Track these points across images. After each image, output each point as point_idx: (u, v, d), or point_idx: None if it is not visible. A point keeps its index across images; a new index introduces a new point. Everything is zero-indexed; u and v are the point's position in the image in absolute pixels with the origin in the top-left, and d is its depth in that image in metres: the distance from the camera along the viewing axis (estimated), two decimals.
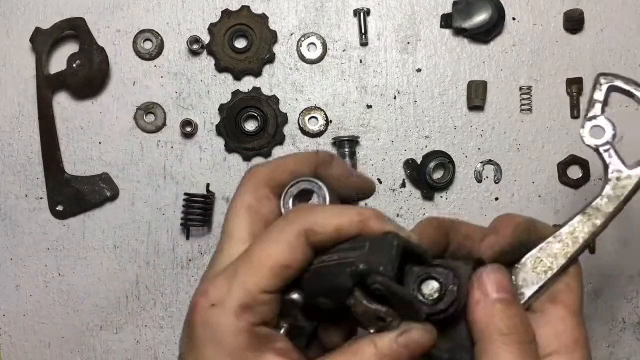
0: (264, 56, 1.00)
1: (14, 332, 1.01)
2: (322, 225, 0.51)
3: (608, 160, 0.56)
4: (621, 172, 0.56)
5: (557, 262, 0.54)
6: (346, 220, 0.51)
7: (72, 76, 0.98)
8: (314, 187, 0.56)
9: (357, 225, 0.51)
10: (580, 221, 0.55)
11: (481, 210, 1.00)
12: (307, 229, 0.50)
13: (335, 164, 0.59)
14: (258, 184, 0.56)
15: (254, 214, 0.55)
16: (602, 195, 0.56)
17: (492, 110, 1.00)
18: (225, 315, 0.49)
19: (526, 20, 1.00)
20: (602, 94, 0.59)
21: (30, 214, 1.01)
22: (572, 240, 0.55)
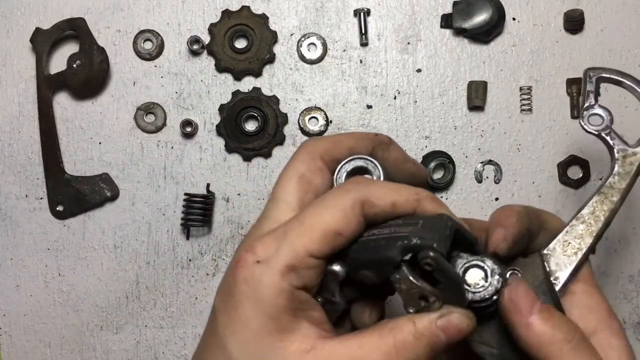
0: (264, 56, 1.00)
1: (14, 332, 1.01)
2: (379, 197, 0.50)
3: (612, 142, 0.63)
4: (626, 150, 0.62)
5: (584, 242, 0.59)
6: (403, 196, 0.51)
7: (72, 76, 0.98)
8: (369, 165, 0.56)
9: (413, 203, 0.51)
10: (597, 201, 0.59)
11: (481, 210, 1.00)
12: (363, 199, 0.50)
13: (393, 147, 0.59)
14: (313, 154, 0.56)
15: (305, 184, 0.54)
16: (613, 173, 0.60)
17: (492, 110, 1.00)
18: (270, 273, 0.49)
19: (526, 20, 1.00)
20: (593, 85, 0.65)
21: (30, 214, 1.01)
22: (594, 219, 0.59)
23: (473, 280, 0.50)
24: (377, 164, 0.56)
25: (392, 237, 0.49)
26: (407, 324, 0.49)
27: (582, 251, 0.59)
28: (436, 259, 0.47)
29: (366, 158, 0.56)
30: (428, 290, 0.48)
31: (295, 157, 0.56)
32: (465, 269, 0.51)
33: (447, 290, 0.49)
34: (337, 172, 0.56)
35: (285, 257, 0.49)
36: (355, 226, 0.50)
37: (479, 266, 0.50)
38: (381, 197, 0.51)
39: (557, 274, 0.57)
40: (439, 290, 0.49)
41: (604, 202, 0.59)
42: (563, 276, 0.57)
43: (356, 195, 0.50)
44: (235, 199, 1.00)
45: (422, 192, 0.52)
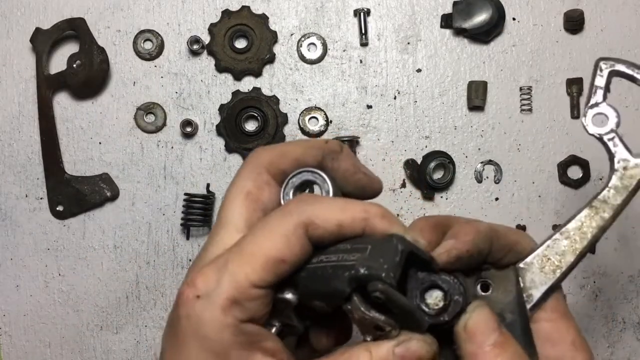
0: (264, 56, 1.00)
1: (14, 332, 1.01)
2: (323, 218, 0.47)
3: (613, 150, 0.53)
4: (628, 161, 0.53)
5: (565, 260, 0.52)
6: (349, 215, 0.47)
7: (72, 76, 0.98)
8: (317, 179, 0.52)
9: (360, 222, 0.47)
10: (587, 215, 0.53)
11: (481, 210, 1.00)
12: (306, 222, 0.47)
13: (343, 156, 0.55)
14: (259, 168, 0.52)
15: (252, 201, 0.51)
16: (609, 186, 0.52)
17: (492, 110, 1.00)
18: (211, 309, 0.46)
19: (526, 20, 1.00)
20: (604, 79, 0.54)
21: (30, 214, 1.01)
22: (580, 236, 0.52)
23: (433, 301, 0.47)
24: (325, 177, 0.52)
25: (339, 265, 0.46)
26: (363, 355, 0.46)
27: (561, 269, 0.52)
28: (384, 291, 0.44)
29: (314, 171, 0.52)
30: (382, 321, 0.45)
31: (241, 173, 0.53)
32: (424, 289, 0.47)
33: (403, 317, 0.46)
34: (283, 188, 0.52)
35: (226, 290, 0.46)
36: (299, 251, 0.47)
37: (438, 286, 0.47)
38: (326, 219, 0.47)
39: (530, 291, 0.52)
40: (394, 318, 0.46)
41: (594, 217, 0.52)
42: (537, 294, 0.52)
43: (298, 217, 0.47)
44: None
45: (371, 209, 0.48)
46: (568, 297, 0.98)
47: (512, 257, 0.54)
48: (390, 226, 0.47)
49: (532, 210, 0.99)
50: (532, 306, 0.52)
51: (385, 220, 0.48)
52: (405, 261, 0.45)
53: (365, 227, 0.47)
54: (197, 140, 1.01)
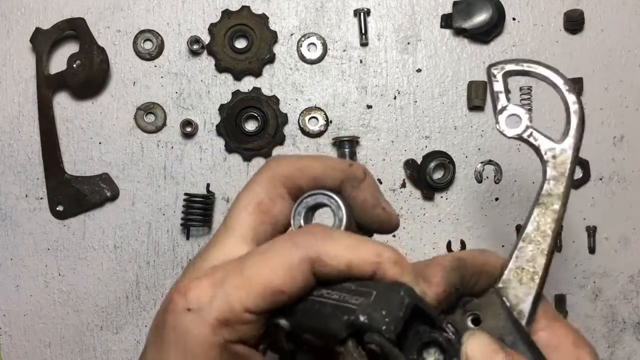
0: (264, 56, 1.00)
1: (14, 332, 1.01)
2: (332, 257, 0.45)
3: (537, 143, 0.54)
4: (554, 148, 0.54)
5: (538, 263, 0.51)
6: (361, 257, 0.45)
7: (72, 76, 0.98)
8: (332, 204, 0.49)
9: (372, 266, 0.45)
10: (539, 213, 0.53)
11: (481, 210, 1.00)
12: (314, 257, 0.44)
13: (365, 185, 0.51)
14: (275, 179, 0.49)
15: (262, 212, 0.49)
16: (547, 178, 0.53)
17: (492, 110, 1.00)
18: (200, 326, 0.44)
19: (526, 20, 1.00)
20: (500, 83, 0.56)
21: (30, 214, 1.01)
22: (541, 235, 0.52)
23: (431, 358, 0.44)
24: (341, 205, 0.49)
25: (339, 306, 0.43)
26: None
27: (538, 274, 0.51)
28: (381, 345, 0.42)
29: (330, 195, 0.49)
30: None
31: (255, 180, 0.50)
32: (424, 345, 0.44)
33: None
34: (296, 206, 0.50)
35: (219, 309, 0.44)
36: (301, 284, 0.45)
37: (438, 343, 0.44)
38: (336, 257, 0.44)
39: (519, 307, 0.50)
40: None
41: (546, 213, 0.52)
42: (526, 308, 0.50)
43: (306, 252, 0.44)
44: None
45: (384, 253, 0.45)
46: (568, 297, 0.98)
47: (486, 279, 0.52)
48: (401, 274, 0.45)
49: None
50: (527, 321, 0.50)
51: (397, 268, 0.45)
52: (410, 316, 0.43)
53: (376, 271, 0.45)
54: (197, 140, 1.01)
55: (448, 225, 1.00)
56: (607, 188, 0.99)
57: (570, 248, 0.99)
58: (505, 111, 0.55)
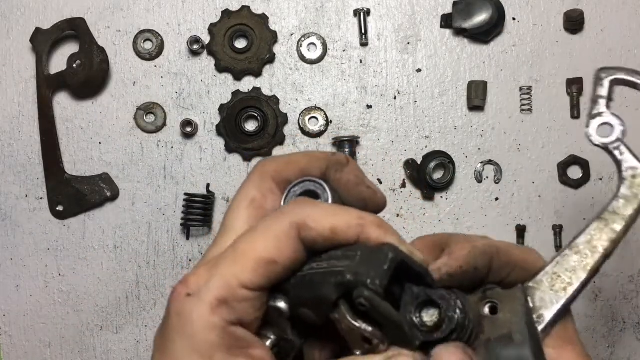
0: (264, 56, 1.00)
1: (14, 332, 1.01)
2: (316, 220, 0.46)
3: (620, 158, 0.51)
4: (636, 169, 0.50)
5: (576, 276, 0.49)
6: (344, 220, 0.46)
7: (72, 76, 0.98)
8: (317, 188, 0.51)
9: (355, 229, 0.46)
10: (597, 228, 0.50)
11: (481, 210, 1.00)
12: (299, 223, 0.46)
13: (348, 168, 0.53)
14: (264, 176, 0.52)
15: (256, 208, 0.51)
16: (618, 196, 0.50)
17: (492, 110, 1.00)
18: (200, 307, 0.45)
19: (526, 20, 1.00)
20: (605, 88, 0.53)
21: (30, 214, 1.01)
22: (591, 250, 0.49)
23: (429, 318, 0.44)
24: (325, 187, 0.51)
25: (327, 272, 0.44)
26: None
27: (573, 287, 0.49)
28: (370, 299, 0.42)
29: (315, 181, 0.51)
30: (369, 332, 0.43)
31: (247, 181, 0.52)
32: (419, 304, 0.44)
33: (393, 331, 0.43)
34: (284, 196, 0.51)
35: (216, 289, 0.45)
36: (291, 253, 0.46)
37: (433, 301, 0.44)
38: (319, 220, 0.46)
39: (541, 311, 0.48)
40: (382, 330, 0.43)
41: (604, 230, 0.49)
42: (548, 315, 0.48)
43: (291, 219, 0.46)
44: None
45: (367, 217, 0.46)
46: None
47: (519, 275, 0.51)
48: (385, 235, 0.46)
49: (532, 210, 0.99)
50: (544, 327, 0.49)
51: (381, 230, 0.46)
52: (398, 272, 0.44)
53: (360, 235, 0.46)
54: (197, 140, 1.01)
55: (448, 225, 1.00)
56: (607, 188, 0.99)
57: None
58: (599, 117, 0.53)
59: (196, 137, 1.01)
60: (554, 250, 0.99)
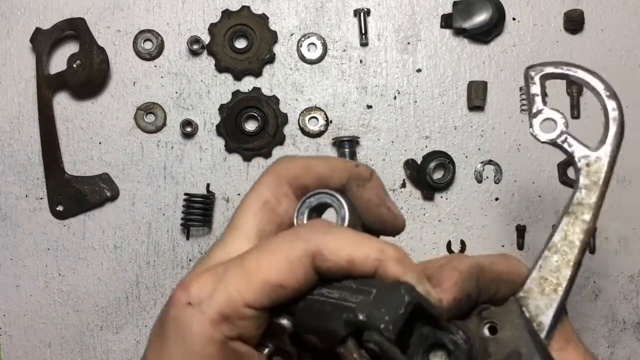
0: (264, 56, 1.00)
1: (14, 332, 1.01)
2: (333, 251, 0.44)
3: (570, 150, 0.52)
4: (588, 156, 0.52)
5: (562, 275, 0.49)
6: (363, 253, 0.44)
7: (72, 76, 0.98)
8: (334, 202, 0.48)
9: (374, 262, 0.44)
10: (568, 223, 0.50)
11: (481, 210, 1.00)
12: (315, 251, 0.44)
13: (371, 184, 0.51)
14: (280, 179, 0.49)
15: (268, 211, 0.49)
16: (579, 187, 0.50)
17: (492, 110, 1.00)
18: (200, 319, 0.44)
19: (526, 20, 1.00)
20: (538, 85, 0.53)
21: (30, 214, 1.01)
22: (569, 246, 0.50)
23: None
24: (343, 203, 0.48)
25: (339, 305, 0.43)
26: None
27: (562, 286, 0.49)
28: (380, 344, 0.40)
29: (333, 194, 0.48)
30: None
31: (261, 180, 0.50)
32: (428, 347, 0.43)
33: None
34: (299, 206, 0.49)
35: (219, 304, 0.44)
36: (302, 280, 0.44)
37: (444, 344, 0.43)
38: (337, 251, 0.44)
39: (539, 319, 0.48)
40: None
41: (575, 223, 0.50)
42: (546, 320, 0.48)
43: (307, 245, 0.44)
44: (235, 199, 1.00)
45: (388, 251, 0.44)
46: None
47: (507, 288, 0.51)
48: (404, 273, 0.44)
49: (532, 210, 0.99)
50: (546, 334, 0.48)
51: (400, 266, 0.44)
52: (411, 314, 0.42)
53: (378, 269, 0.44)
54: (197, 140, 1.01)
55: (448, 225, 1.00)
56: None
57: None
58: (540, 115, 0.53)
59: (196, 137, 1.01)
60: None
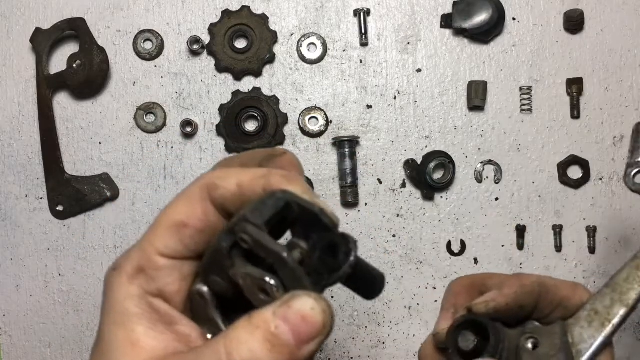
0: (264, 56, 1.00)
1: (14, 332, 1.01)
2: (223, 179, 0.45)
3: None
4: None
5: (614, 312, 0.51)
6: (249, 174, 0.45)
7: (72, 76, 0.98)
8: None
9: (260, 180, 0.44)
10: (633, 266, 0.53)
11: (481, 210, 1.00)
12: (208, 183, 0.45)
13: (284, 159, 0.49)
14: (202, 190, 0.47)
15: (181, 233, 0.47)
16: None
17: (492, 110, 1.00)
18: (119, 278, 0.44)
19: (526, 20, 1.00)
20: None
21: (30, 214, 1.01)
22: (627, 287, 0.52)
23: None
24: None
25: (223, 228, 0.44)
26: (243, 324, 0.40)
27: (610, 322, 0.51)
28: (250, 233, 0.40)
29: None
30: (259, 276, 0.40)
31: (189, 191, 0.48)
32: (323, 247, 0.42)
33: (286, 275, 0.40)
34: None
35: (134, 258, 0.45)
36: (201, 214, 0.45)
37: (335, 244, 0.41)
38: (225, 179, 0.45)
39: (579, 346, 0.50)
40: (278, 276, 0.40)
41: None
42: (586, 350, 0.50)
43: (202, 181, 0.46)
44: None
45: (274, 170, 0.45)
46: None
47: (561, 312, 0.53)
48: (288, 183, 0.43)
49: (532, 210, 0.99)
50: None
51: (285, 178, 0.44)
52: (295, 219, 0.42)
53: (265, 186, 0.44)
54: (197, 140, 1.01)
55: (448, 225, 1.00)
56: (607, 188, 0.99)
57: (570, 248, 0.99)
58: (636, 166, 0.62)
59: (196, 137, 1.01)
60: (554, 250, 0.99)
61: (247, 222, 0.40)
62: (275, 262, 0.40)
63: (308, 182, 0.99)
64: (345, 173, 0.98)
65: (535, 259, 0.99)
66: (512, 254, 1.00)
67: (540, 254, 0.99)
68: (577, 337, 0.51)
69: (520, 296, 0.51)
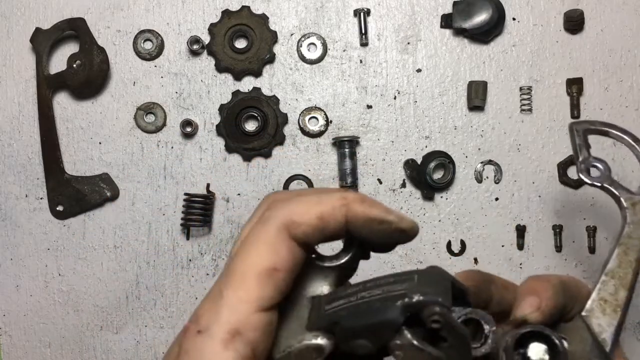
0: (264, 56, 1.00)
1: (14, 332, 1.01)
2: (301, 214, 0.44)
3: (616, 192, 0.61)
4: (632, 197, 0.61)
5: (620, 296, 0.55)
6: (329, 206, 0.44)
7: (72, 76, 0.98)
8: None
9: (340, 210, 0.44)
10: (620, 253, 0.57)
11: (481, 210, 1.00)
12: (286, 222, 0.44)
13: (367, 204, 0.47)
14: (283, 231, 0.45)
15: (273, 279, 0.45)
16: (628, 222, 0.59)
17: (492, 110, 1.00)
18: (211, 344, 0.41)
19: (526, 20, 1.00)
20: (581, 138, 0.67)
21: (30, 214, 1.01)
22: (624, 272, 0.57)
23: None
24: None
25: (387, 297, 0.43)
26: None
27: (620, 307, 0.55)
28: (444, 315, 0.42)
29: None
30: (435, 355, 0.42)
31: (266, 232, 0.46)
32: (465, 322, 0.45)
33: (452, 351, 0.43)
34: None
35: (226, 321, 0.42)
36: (288, 255, 0.43)
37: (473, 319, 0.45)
38: (304, 213, 0.44)
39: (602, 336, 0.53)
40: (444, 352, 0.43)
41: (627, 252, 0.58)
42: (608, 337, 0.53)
43: (277, 221, 0.44)
44: (235, 199, 1.00)
45: (348, 195, 0.45)
46: None
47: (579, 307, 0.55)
48: (370, 209, 0.44)
49: (532, 210, 0.99)
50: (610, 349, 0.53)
51: (365, 205, 0.44)
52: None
53: (347, 214, 0.44)
54: (197, 140, 1.01)
55: (448, 225, 1.00)
56: None
57: (570, 248, 0.99)
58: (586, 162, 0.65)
59: (196, 137, 1.01)
60: (554, 250, 0.99)
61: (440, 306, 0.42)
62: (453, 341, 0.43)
63: (308, 183, 0.99)
64: (345, 173, 0.98)
65: (535, 259, 0.99)
66: (512, 254, 1.00)
67: (540, 254, 0.99)
68: (597, 327, 0.53)
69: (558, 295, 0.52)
